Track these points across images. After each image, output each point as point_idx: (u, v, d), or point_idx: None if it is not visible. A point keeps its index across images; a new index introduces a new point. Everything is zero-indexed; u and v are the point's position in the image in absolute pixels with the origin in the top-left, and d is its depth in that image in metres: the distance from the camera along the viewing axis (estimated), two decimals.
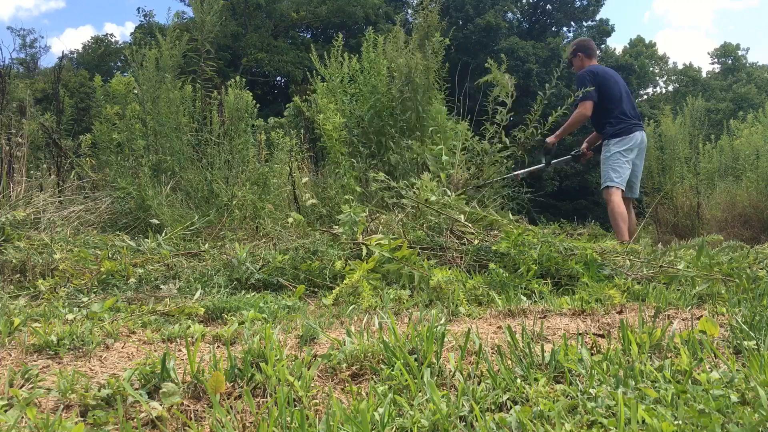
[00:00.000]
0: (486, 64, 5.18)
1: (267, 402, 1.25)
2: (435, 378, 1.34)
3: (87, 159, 5.36)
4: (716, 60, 40.64)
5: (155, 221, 4.25)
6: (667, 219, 7.82)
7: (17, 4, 58.92)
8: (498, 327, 1.91)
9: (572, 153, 5.10)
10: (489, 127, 5.07)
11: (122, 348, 1.66)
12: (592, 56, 4.94)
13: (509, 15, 33.25)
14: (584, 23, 34.94)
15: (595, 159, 5.07)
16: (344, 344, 1.55)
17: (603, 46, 35.15)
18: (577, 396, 1.20)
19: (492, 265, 2.75)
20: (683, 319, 1.94)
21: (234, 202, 4.50)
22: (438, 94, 5.48)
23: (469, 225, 3.36)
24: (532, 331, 1.73)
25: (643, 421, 1.05)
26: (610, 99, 4.65)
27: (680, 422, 1.04)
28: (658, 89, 38.74)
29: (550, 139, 4.96)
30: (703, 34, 71.26)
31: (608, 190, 4.57)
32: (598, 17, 34.66)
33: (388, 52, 5.36)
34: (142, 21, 29.92)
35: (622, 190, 4.56)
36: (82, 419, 1.15)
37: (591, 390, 1.22)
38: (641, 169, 4.79)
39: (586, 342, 1.57)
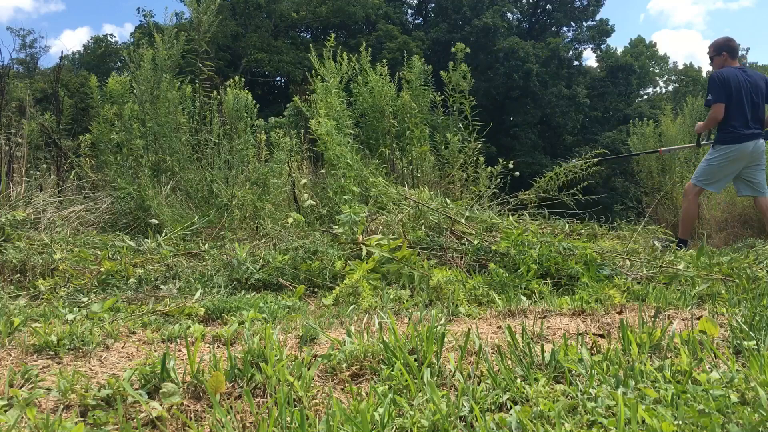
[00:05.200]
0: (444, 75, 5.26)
1: (267, 402, 1.25)
2: (435, 378, 1.34)
3: (86, 159, 5.36)
4: None
5: (155, 221, 4.25)
6: (667, 219, 7.82)
7: (16, 6, 58.87)
8: (498, 327, 1.91)
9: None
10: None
11: (122, 348, 1.66)
12: (735, 57, 5.04)
13: (509, 15, 33.27)
14: (584, 23, 34.97)
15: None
16: (344, 344, 1.55)
17: (603, 46, 35.18)
18: (577, 396, 1.20)
19: (492, 265, 2.75)
20: (683, 319, 1.94)
21: (234, 202, 4.50)
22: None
23: (468, 225, 3.36)
24: (532, 331, 1.73)
25: (643, 421, 1.05)
26: (730, 106, 4.75)
27: (680, 422, 1.04)
28: (658, 89, 38.79)
29: (698, 125, 5.25)
30: (699, 35, 71.39)
31: (691, 186, 4.85)
32: (598, 17, 34.70)
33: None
34: (141, 21, 29.90)
35: (700, 190, 4.86)
36: (82, 419, 1.15)
37: (591, 390, 1.22)
38: (762, 170, 4.92)
39: (586, 342, 1.57)
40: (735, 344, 1.56)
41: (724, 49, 5.00)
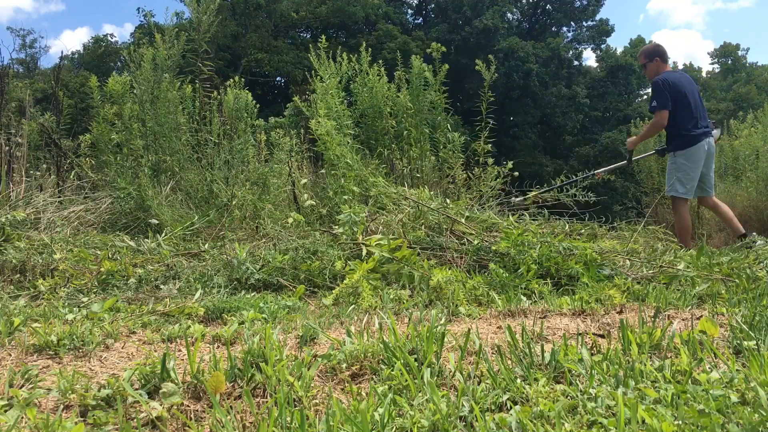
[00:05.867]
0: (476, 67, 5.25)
1: (267, 402, 1.25)
2: (435, 378, 1.34)
3: (86, 159, 5.36)
4: (716, 60, 40.71)
5: (155, 221, 4.25)
6: (667, 219, 7.82)
7: (16, 6, 58.82)
8: (498, 327, 1.91)
9: (656, 149, 5.46)
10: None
11: (122, 348, 1.66)
12: (666, 62, 5.09)
13: (509, 15, 33.28)
14: (584, 23, 34.97)
15: None
16: (344, 344, 1.55)
17: (603, 46, 35.18)
18: (577, 396, 1.20)
19: (492, 265, 2.75)
20: (683, 319, 1.94)
21: (234, 202, 4.50)
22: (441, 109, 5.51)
23: (468, 225, 3.36)
24: (532, 331, 1.73)
25: (643, 421, 1.05)
26: (680, 110, 4.79)
27: (680, 422, 1.04)
28: None
29: (629, 142, 5.33)
30: (699, 35, 71.41)
31: (675, 201, 4.90)
32: (598, 17, 34.70)
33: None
34: (142, 21, 29.90)
35: (688, 200, 4.91)
36: (82, 419, 1.15)
37: (591, 390, 1.22)
38: (713, 169, 5.03)
39: (586, 342, 1.57)
40: (735, 344, 1.56)
41: (656, 55, 5.06)
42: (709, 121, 5.06)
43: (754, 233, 4.82)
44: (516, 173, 5.25)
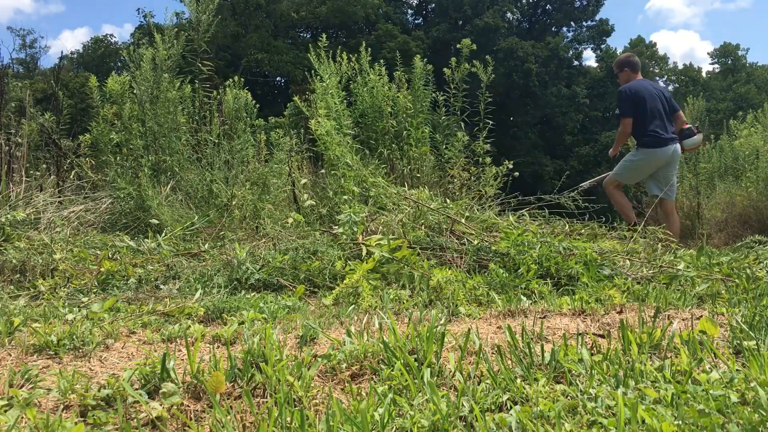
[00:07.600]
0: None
1: (267, 402, 1.25)
2: (435, 378, 1.34)
3: (86, 159, 5.36)
4: (716, 60, 40.74)
5: (155, 221, 4.25)
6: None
7: (16, 7, 58.81)
8: (498, 327, 1.91)
9: None
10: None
11: (122, 348, 1.66)
12: (637, 71, 5.25)
13: (509, 15, 33.27)
14: (584, 23, 34.97)
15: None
16: (344, 344, 1.55)
17: (603, 46, 35.17)
18: (577, 396, 1.20)
19: (492, 265, 2.75)
20: (683, 319, 1.94)
21: (234, 202, 4.50)
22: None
23: (468, 225, 3.36)
24: (532, 331, 1.73)
25: (643, 421, 1.05)
26: (644, 115, 4.96)
27: (680, 422, 1.04)
28: None
29: (610, 152, 5.52)
30: (698, 35, 71.50)
31: (611, 181, 5.12)
32: (597, 17, 34.71)
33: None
34: (141, 21, 29.89)
35: (621, 183, 5.18)
36: (82, 419, 1.15)
37: (591, 390, 1.22)
38: (675, 175, 5.19)
39: (586, 342, 1.57)
40: (735, 344, 1.56)
41: (625, 66, 5.27)
42: (691, 126, 5.23)
43: None
44: (516, 173, 5.25)
